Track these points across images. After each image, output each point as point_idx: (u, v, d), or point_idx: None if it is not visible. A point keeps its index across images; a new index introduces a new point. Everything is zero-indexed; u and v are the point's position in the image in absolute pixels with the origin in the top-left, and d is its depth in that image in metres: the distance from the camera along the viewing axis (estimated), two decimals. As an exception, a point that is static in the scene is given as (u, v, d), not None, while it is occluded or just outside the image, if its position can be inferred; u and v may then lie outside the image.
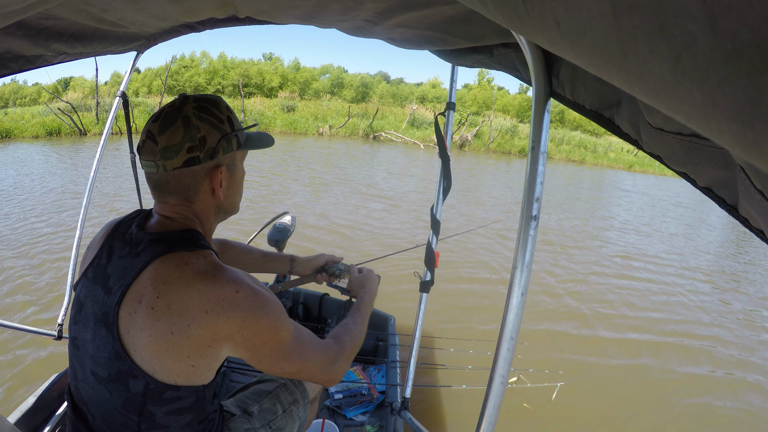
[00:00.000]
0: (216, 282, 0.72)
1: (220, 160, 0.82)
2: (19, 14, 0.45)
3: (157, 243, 0.76)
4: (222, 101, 0.85)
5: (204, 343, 0.72)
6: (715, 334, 3.98)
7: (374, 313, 2.40)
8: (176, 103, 0.80)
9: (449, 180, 1.52)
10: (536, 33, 0.28)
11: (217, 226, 0.92)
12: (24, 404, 1.37)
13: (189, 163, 0.78)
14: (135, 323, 0.71)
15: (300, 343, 0.82)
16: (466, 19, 0.87)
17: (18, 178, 6.96)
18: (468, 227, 5.96)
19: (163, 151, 0.77)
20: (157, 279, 0.72)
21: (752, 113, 0.16)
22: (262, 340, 0.76)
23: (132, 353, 0.71)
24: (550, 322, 3.73)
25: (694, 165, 0.51)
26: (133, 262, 0.75)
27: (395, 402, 1.82)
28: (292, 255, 1.36)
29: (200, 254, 0.76)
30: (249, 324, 0.73)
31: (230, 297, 0.72)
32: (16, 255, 3.95)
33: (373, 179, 9.48)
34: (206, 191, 0.83)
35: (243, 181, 0.92)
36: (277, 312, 0.77)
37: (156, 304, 0.70)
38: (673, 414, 2.77)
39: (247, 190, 5.94)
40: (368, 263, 1.51)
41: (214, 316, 0.71)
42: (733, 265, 6.43)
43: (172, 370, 0.72)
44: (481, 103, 27.60)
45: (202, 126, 0.78)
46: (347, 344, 0.94)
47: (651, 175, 17.60)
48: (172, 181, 0.80)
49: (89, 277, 0.80)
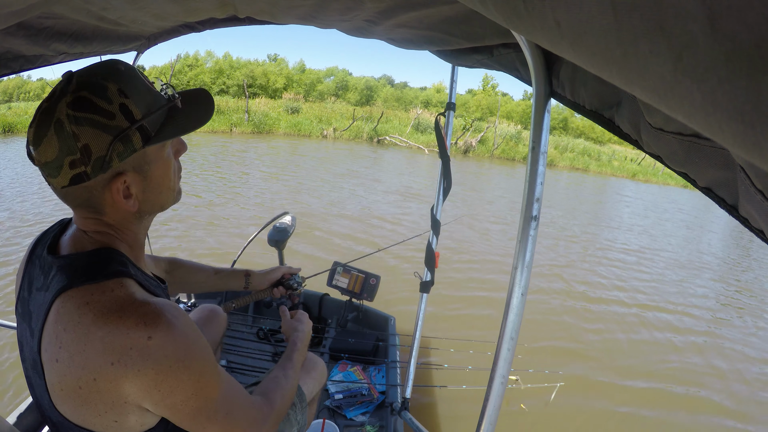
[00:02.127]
0: (122, 326, 0.59)
1: (119, 167, 0.64)
2: (19, 15, 0.45)
3: (63, 272, 0.64)
4: (114, 77, 0.62)
5: (118, 399, 0.61)
6: (718, 331, 3.98)
7: (374, 313, 2.40)
8: (54, 94, 0.61)
9: (449, 180, 1.52)
10: (536, 33, 0.28)
11: (148, 230, 0.78)
12: (24, 404, 1.37)
13: (76, 181, 0.62)
14: (50, 375, 0.62)
15: (227, 401, 0.70)
16: (466, 19, 0.87)
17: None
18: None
19: (43, 168, 0.62)
20: (58, 325, 0.61)
21: (753, 112, 0.16)
22: (183, 397, 0.63)
23: (60, 408, 0.63)
24: (550, 321, 3.73)
25: (694, 165, 0.50)
26: (44, 298, 0.64)
27: (395, 402, 1.82)
28: (248, 270, 1.27)
29: (106, 287, 0.62)
30: (165, 377, 0.61)
31: (140, 345, 0.59)
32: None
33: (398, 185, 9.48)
34: (112, 204, 0.67)
35: (170, 172, 0.73)
36: (202, 362, 0.64)
37: (59, 356, 0.60)
38: (673, 414, 2.77)
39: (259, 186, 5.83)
40: (361, 259, 1.44)
41: (122, 368, 0.59)
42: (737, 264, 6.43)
43: (97, 424, 0.63)
44: (485, 109, 27.56)
45: (81, 131, 0.59)
46: (277, 402, 0.82)
47: (654, 185, 17.45)
48: (69, 196, 0.65)
49: (19, 312, 0.70)
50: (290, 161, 11.03)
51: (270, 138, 15.74)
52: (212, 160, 9.80)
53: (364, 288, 2.28)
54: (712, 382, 3.18)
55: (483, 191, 10.10)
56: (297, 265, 1.40)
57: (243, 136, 15.51)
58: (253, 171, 8.99)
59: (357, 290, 2.29)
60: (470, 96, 30.75)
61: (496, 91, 30.65)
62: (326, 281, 2.34)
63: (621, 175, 18.78)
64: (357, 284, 2.29)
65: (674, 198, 13.60)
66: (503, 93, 31.29)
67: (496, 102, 26.83)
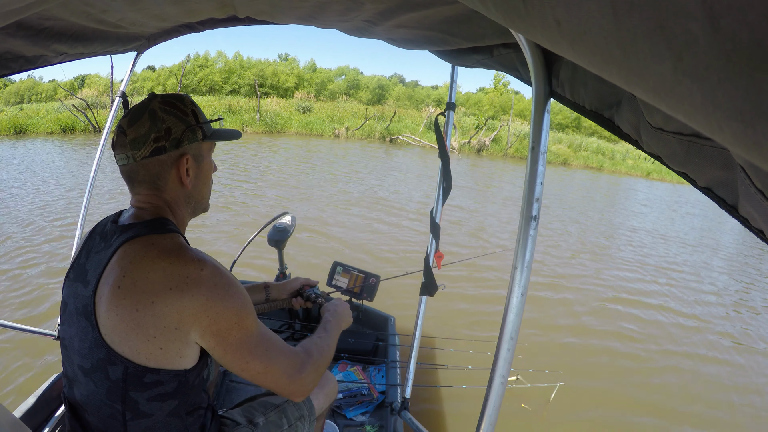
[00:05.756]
0: (181, 260, 0.74)
1: (186, 149, 0.85)
2: (17, 14, 0.45)
3: (128, 231, 0.78)
4: (188, 98, 0.89)
5: (170, 324, 0.72)
6: (723, 329, 3.98)
7: (374, 313, 2.40)
8: (145, 101, 0.85)
9: (449, 180, 1.52)
10: (536, 32, 0.28)
11: (190, 220, 0.94)
12: (24, 404, 1.37)
13: (156, 153, 0.82)
14: (105, 305, 0.72)
15: (266, 339, 0.81)
16: (466, 20, 0.87)
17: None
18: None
19: (132, 143, 0.81)
20: (124, 259, 0.74)
21: (753, 112, 0.16)
22: (227, 325, 0.75)
23: (107, 338, 0.72)
24: (550, 322, 3.73)
25: (694, 165, 0.50)
26: (106, 252, 0.77)
27: (395, 402, 1.82)
28: (267, 282, 1.35)
29: (167, 237, 0.78)
30: (213, 303, 0.73)
31: (194, 275, 0.73)
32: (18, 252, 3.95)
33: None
34: (174, 180, 0.85)
35: (211, 175, 0.94)
36: (242, 298, 0.78)
37: (122, 282, 0.72)
38: (673, 414, 2.77)
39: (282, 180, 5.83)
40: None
41: (178, 293, 0.72)
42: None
43: (141, 352, 0.72)
44: (498, 107, 27.31)
45: (168, 118, 0.82)
46: (315, 354, 0.91)
47: (669, 183, 17.25)
48: (141, 170, 0.83)
49: (71, 277, 0.83)
50: (305, 160, 11.02)
51: (281, 137, 15.65)
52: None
53: (364, 288, 2.28)
54: (715, 386, 3.18)
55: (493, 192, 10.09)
56: (318, 263, 1.43)
57: (255, 136, 15.47)
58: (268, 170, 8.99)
59: (357, 290, 2.29)
60: (483, 94, 30.58)
61: (507, 90, 30.39)
62: (326, 281, 2.34)
63: (635, 174, 18.62)
64: (357, 284, 2.29)
65: (687, 197, 13.54)
66: (515, 91, 30.94)
67: (508, 100, 26.43)
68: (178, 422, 0.81)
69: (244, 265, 3.75)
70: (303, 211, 6.16)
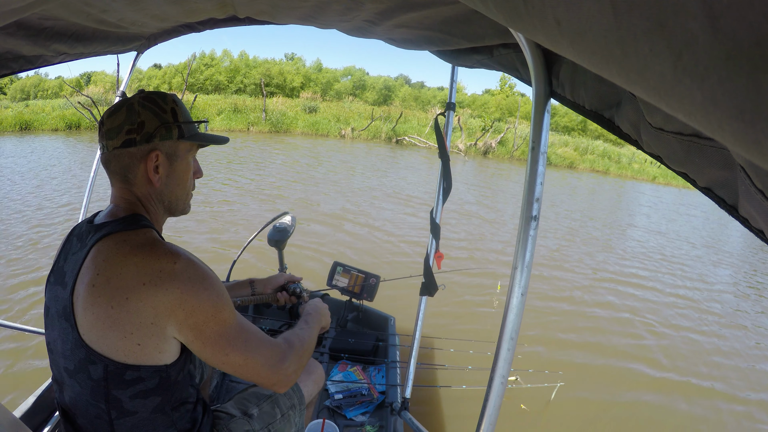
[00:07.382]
0: (153, 254, 0.74)
1: (157, 145, 0.84)
2: (17, 14, 0.45)
3: (102, 229, 0.79)
4: (171, 96, 0.89)
5: (146, 319, 0.71)
6: (722, 332, 3.98)
7: (374, 313, 2.40)
8: (129, 97, 0.87)
9: (449, 181, 1.52)
10: (537, 32, 0.28)
11: (165, 220, 0.93)
12: (24, 404, 1.37)
13: (126, 144, 0.82)
14: (82, 305, 0.72)
15: (245, 331, 0.80)
16: (466, 20, 0.87)
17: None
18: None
19: (107, 133, 0.83)
20: (97, 258, 0.74)
21: (753, 111, 0.16)
22: (204, 318, 0.74)
23: (85, 338, 0.72)
24: (550, 322, 3.73)
25: (694, 165, 0.50)
26: (81, 254, 0.78)
27: (395, 402, 1.82)
28: (251, 278, 1.36)
29: (140, 232, 0.79)
30: (188, 297, 0.73)
31: (168, 268, 0.73)
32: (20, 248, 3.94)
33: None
34: (143, 175, 0.85)
35: (188, 177, 0.92)
36: (218, 290, 0.77)
37: (96, 281, 0.72)
38: (673, 415, 2.76)
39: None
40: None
41: (152, 287, 0.71)
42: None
43: (120, 349, 0.72)
44: (504, 109, 27.13)
45: (143, 112, 0.83)
46: (296, 345, 0.90)
47: (674, 188, 17.12)
48: (113, 160, 0.84)
49: (51, 281, 0.83)
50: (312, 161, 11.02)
51: (288, 137, 15.58)
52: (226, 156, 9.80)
53: (364, 288, 2.27)
54: (717, 382, 3.18)
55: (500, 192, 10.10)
56: (318, 264, 1.44)
57: (260, 135, 15.41)
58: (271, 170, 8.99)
59: (357, 290, 2.29)
60: (489, 96, 30.42)
61: (514, 92, 30.21)
62: (326, 281, 2.34)
63: (641, 178, 18.48)
64: (357, 284, 2.29)
65: (690, 201, 13.47)
66: (521, 93, 30.79)
67: (515, 102, 26.31)
68: (164, 418, 0.80)
69: (244, 264, 3.75)
70: (303, 212, 6.16)
